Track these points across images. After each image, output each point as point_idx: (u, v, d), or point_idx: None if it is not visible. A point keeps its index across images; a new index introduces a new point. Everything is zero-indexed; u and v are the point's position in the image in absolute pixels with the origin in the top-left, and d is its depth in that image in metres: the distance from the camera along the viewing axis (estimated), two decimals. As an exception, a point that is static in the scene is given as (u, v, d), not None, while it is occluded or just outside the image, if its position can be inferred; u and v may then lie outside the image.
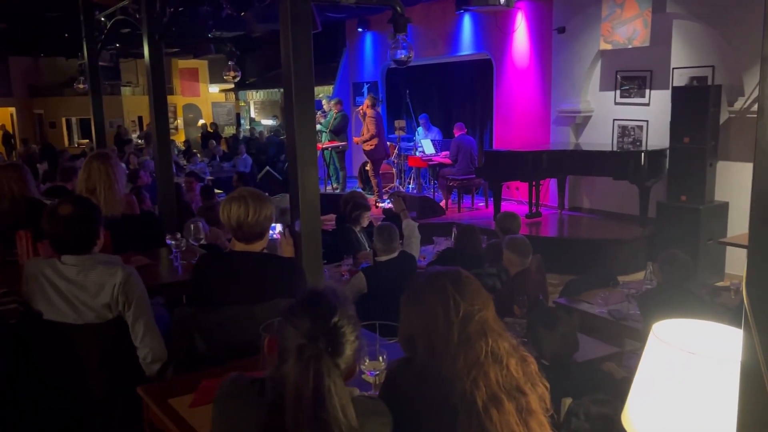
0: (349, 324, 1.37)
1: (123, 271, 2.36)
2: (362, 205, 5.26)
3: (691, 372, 1.32)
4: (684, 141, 6.77)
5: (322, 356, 1.29)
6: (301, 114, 2.65)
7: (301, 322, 1.33)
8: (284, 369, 1.31)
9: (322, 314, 1.35)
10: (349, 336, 1.37)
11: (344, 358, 1.35)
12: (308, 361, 1.29)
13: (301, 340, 1.31)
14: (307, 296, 1.41)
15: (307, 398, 1.27)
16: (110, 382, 2.36)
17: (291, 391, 1.28)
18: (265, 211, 2.38)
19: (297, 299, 1.40)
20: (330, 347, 1.32)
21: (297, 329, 1.33)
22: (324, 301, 1.39)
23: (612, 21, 7.52)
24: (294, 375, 1.29)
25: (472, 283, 1.49)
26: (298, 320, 1.34)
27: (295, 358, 1.30)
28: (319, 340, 1.31)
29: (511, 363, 1.43)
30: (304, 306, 1.37)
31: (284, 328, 1.35)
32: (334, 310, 1.36)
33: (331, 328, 1.34)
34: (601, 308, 4.09)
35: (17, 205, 3.96)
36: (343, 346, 1.35)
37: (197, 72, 21.77)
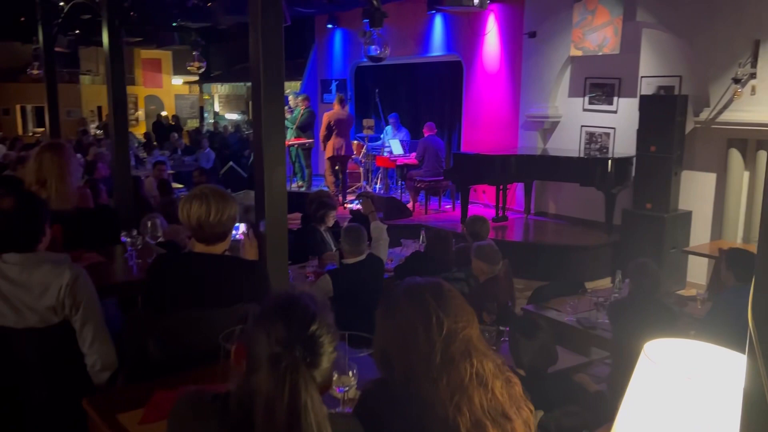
0: (328, 333, 1.23)
1: (71, 272, 2.18)
2: (328, 204, 5.12)
3: (687, 397, 1.23)
4: (650, 149, 6.82)
5: (299, 367, 1.15)
6: (269, 109, 2.50)
7: (276, 329, 1.18)
8: (254, 381, 1.16)
9: (299, 321, 1.20)
10: (328, 347, 1.22)
11: (321, 370, 1.21)
12: (284, 371, 1.13)
13: (276, 349, 1.16)
14: (282, 300, 1.25)
15: (280, 415, 1.11)
16: (54, 390, 2.17)
17: (261, 407, 1.13)
18: (228, 210, 2.22)
19: (270, 303, 1.24)
20: (308, 357, 1.17)
21: (270, 336, 1.17)
22: (301, 306, 1.24)
23: (583, 27, 7.54)
24: (266, 387, 1.13)
25: (455, 297, 1.37)
26: (272, 326, 1.19)
27: (268, 368, 1.15)
28: (296, 349, 1.17)
29: (497, 386, 1.31)
30: (280, 311, 1.22)
31: (255, 334, 1.19)
32: (313, 317, 1.21)
33: (309, 337, 1.19)
34: (569, 316, 4.05)
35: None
36: (320, 358, 1.20)
37: (160, 63, 21.25)
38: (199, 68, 9.85)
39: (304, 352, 1.18)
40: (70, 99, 18.46)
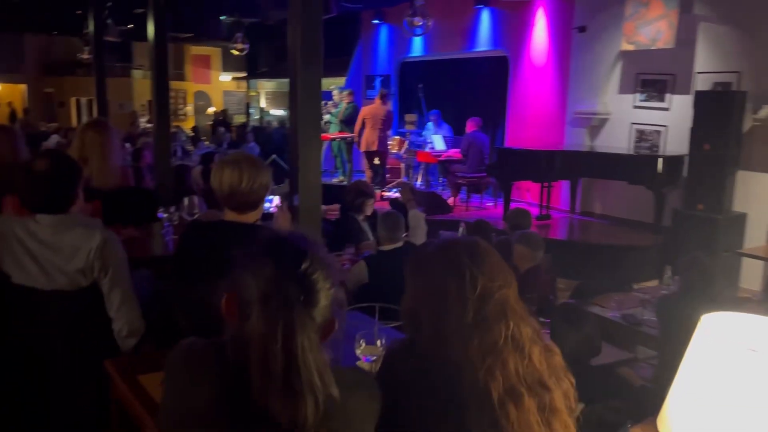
0: (322, 270, 1.13)
1: (101, 235, 2.16)
2: (366, 193, 5.06)
3: (750, 369, 1.11)
4: (704, 148, 6.53)
5: (293, 305, 1.06)
6: (305, 81, 2.45)
7: (264, 270, 1.09)
8: (248, 326, 1.07)
9: (288, 259, 1.11)
10: (323, 283, 1.12)
11: (319, 309, 1.11)
12: (276, 311, 1.05)
13: (266, 289, 1.08)
14: (268, 241, 1.16)
15: (275, 357, 1.03)
16: (79, 354, 2.15)
17: (256, 351, 1.05)
18: (261, 178, 2.16)
19: (256, 244, 1.15)
20: (302, 295, 1.08)
21: (258, 278, 1.09)
22: (289, 244, 1.14)
23: (636, 21, 7.28)
24: (259, 330, 1.05)
25: (492, 255, 1.26)
26: (258, 267, 1.10)
27: (259, 309, 1.06)
28: (288, 287, 1.08)
29: (534, 352, 1.20)
30: (266, 251, 1.12)
31: (242, 279, 1.11)
32: (304, 254, 1.11)
33: (301, 275, 1.10)
34: (614, 312, 3.87)
35: (4, 170, 3.77)
36: (316, 295, 1.10)
37: (209, 59, 21.62)
38: (242, 50, 9.89)
39: (298, 290, 1.09)
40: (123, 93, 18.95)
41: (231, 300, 1.13)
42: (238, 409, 1.08)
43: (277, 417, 1.05)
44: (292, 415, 1.04)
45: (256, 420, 1.06)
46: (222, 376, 1.11)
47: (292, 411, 1.04)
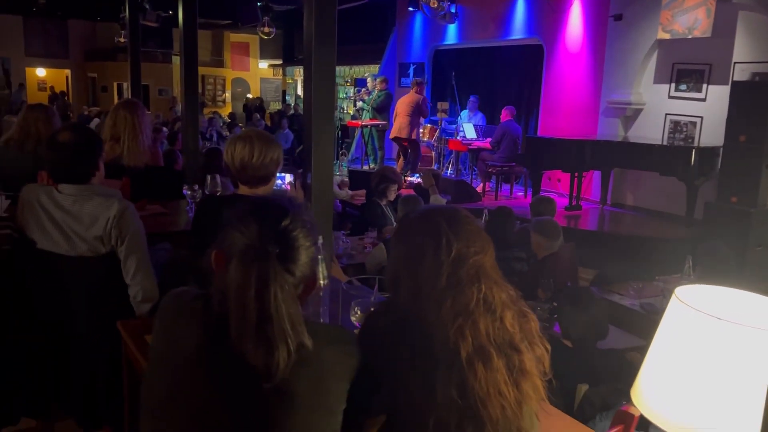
0: (303, 228, 1.23)
1: (119, 204, 2.27)
2: (390, 178, 5.10)
3: (716, 338, 1.13)
4: (740, 139, 6.37)
5: (268, 259, 1.15)
6: (319, 67, 2.50)
7: (248, 227, 1.19)
8: (227, 277, 1.17)
9: (270, 218, 1.21)
10: (303, 241, 1.22)
11: (299, 265, 1.20)
12: (251, 262, 1.15)
13: (246, 243, 1.18)
14: (254, 202, 1.26)
15: (249, 305, 1.12)
16: (97, 318, 2.26)
17: (233, 299, 1.15)
18: (272, 153, 2.23)
19: (243, 205, 1.25)
20: (279, 250, 1.17)
21: (243, 234, 1.19)
22: (273, 205, 1.24)
23: (673, 9, 7.13)
24: (236, 279, 1.15)
25: (470, 224, 1.32)
26: (243, 226, 1.20)
27: (237, 261, 1.16)
28: (268, 243, 1.17)
29: (507, 315, 1.25)
30: (252, 211, 1.23)
31: (230, 235, 1.21)
32: (285, 213, 1.22)
33: (281, 231, 1.19)
34: (632, 300, 3.85)
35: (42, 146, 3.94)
36: (296, 252, 1.20)
37: (248, 46, 21.89)
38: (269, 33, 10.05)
39: (276, 246, 1.17)
40: (163, 78, 19.37)
41: (219, 255, 1.23)
42: (219, 353, 1.17)
43: (252, 361, 1.13)
44: (266, 361, 1.13)
45: (234, 364, 1.15)
46: (206, 322, 1.20)
47: (265, 356, 1.13)
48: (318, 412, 1.18)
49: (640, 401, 1.25)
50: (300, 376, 1.16)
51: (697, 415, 1.14)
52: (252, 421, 1.15)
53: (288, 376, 1.14)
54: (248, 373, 1.14)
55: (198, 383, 1.17)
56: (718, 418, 1.13)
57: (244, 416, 1.15)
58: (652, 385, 1.23)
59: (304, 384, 1.17)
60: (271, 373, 1.13)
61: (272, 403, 1.15)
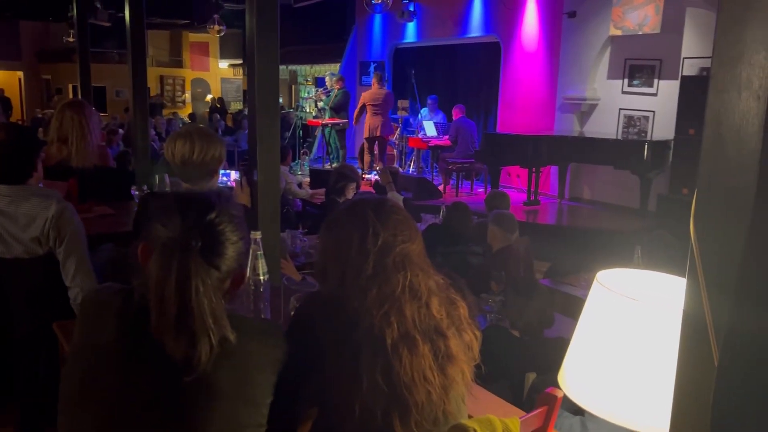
0: (230, 222, 1.21)
1: (57, 205, 2.21)
2: (348, 176, 5.09)
3: (633, 319, 1.16)
4: (689, 132, 6.55)
5: (190, 252, 1.14)
6: (261, 57, 2.48)
7: (171, 220, 1.17)
8: (149, 270, 1.15)
9: (195, 210, 1.19)
10: (230, 235, 1.20)
11: (224, 259, 1.19)
12: (172, 256, 1.13)
13: (169, 236, 1.16)
14: (179, 194, 1.25)
15: (169, 298, 1.11)
16: (36, 320, 2.21)
17: (153, 292, 1.13)
18: (213, 150, 2.21)
19: (169, 197, 1.24)
20: (203, 245, 1.16)
21: (166, 227, 1.17)
22: (198, 198, 1.23)
23: (623, 6, 7.29)
24: (157, 272, 1.13)
25: (397, 213, 1.32)
26: (167, 218, 1.18)
27: (158, 253, 1.15)
28: (191, 237, 1.15)
29: (433, 302, 1.26)
30: (176, 203, 1.21)
31: (153, 228, 1.19)
32: (211, 207, 1.20)
33: (206, 225, 1.18)
34: (583, 290, 3.92)
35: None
36: (221, 246, 1.19)
37: (207, 46, 21.61)
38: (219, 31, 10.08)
39: (199, 239, 1.16)
40: (119, 80, 18.95)
41: (145, 249, 1.21)
42: (139, 346, 1.15)
43: (173, 355, 1.12)
44: (186, 354, 1.12)
45: (154, 357, 1.13)
46: (127, 316, 1.18)
47: (186, 349, 1.12)
48: (241, 405, 1.17)
49: (565, 383, 1.28)
50: (223, 368, 1.15)
51: (617, 394, 1.17)
52: (171, 414, 1.13)
53: (210, 369, 1.13)
54: (168, 366, 1.12)
55: (115, 376, 1.15)
56: (638, 397, 1.16)
57: (163, 409, 1.13)
58: (575, 367, 1.26)
59: (226, 376, 1.16)
60: (192, 366, 1.12)
61: (192, 396, 1.13)
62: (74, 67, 18.03)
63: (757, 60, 0.89)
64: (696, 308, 0.98)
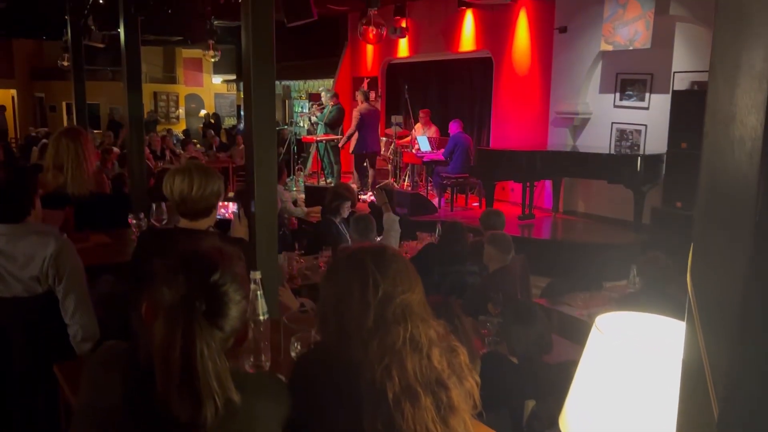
0: (233, 282, 1.22)
1: (56, 242, 2.22)
2: (343, 195, 5.12)
3: (632, 366, 1.18)
4: (681, 146, 6.61)
5: (194, 316, 1.15)
6: (258, 88, 2.51)
7: (175, 281, 1.18)
8: (154, 332, 1.16)
9: (199, 271, 1.20)
10: (234, 295, 1.21)
11: (228, 319, 1.20)
12: (177, 319, 1.14)
13: (174, 299, 1.16)
14: (184, 254, 1.25)
15: (175, 362, 1.12)
16: (35, 359, 2.21)
17: (158, 354, 1.14)
18: (211, 186, 2.22)
19: (173, 257, 1.24)
20: (207, 307, 1.17)
21: (171, 289, 1.18)
22: (202, 257, 1.24)
23: (614, 21, 7.36)
24: (162, 335, 1.14)
25: (397, 262, 1.33)
26: (172, 279, 1.19)
27: (163, 316, 1.16)
28: (195, 299, 1.16)
29: (434, 353, 1.26)
30: (180, 263, 1.22)
31: (158, 289, 1.20)
32: (215, 267, 1.21)
33: (210, 287, 1.19)
34: (580, 311, 3.94)
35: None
36: (225, 307, 1.20)
37: (201, 62, 21.62)
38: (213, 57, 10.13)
39: (204, 302, 1.17)
40: (114, 97, 18.97)
41: (149, 308, 1.21)
42: (144, 409, 1.16)
43: (179, 417, 1.13)
44: (192, 416, 1.13)
45: (159, 419, 1.14)
46: (132, 377, 1.19)
47: (192, 412, 1.12)
48: None
49: (567, 427, 1.29)
50: (228, 429, 1.16)
51: (617, 442, 1.18)
52: None
53: (216, 429, 1.14)
54: (174, 428, 1.13)
55: None
56: (637, 444, 1.17)
57: None
58: (576, 415, 1.27)
59: None
60: (197, 428, 1.12)
61: None
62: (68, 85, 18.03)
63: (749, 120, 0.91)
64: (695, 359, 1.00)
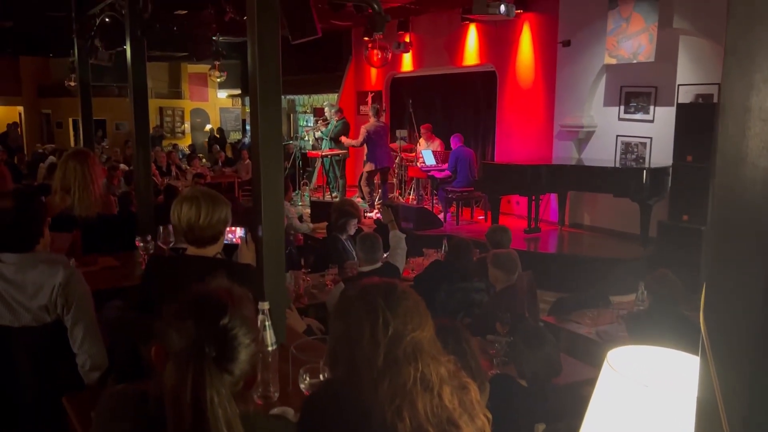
0: (243, 326, 1.21)
1: (64, 272, 2.22)
2: (349, 212, 5.12)
3: (645, 405, 1.17)
4: (687, 159, 6.60)
5: (204, 362, 1.14)
6: (265, 113, 2.52)
7: (185, 326, 1.18)
8: (164, 379, 1.16)
9: (208, 315, 1.19)
10: (243, 339, 1.20)
11: (237, 364, 1.20)
12: (188, 366, 1.13)
13: (184, 345, 1.16)
14: (193, 296, 1.24)
15: (186, 410, 1.11)
16: (44, 388, 2.20)
17: (169, 402, 1.13)
18: (219, 213, 2.23)
19: (183, 300, 1.24)
20: (216, 352, 1.16)
21: (180, 334, 1.17)
22: (212, 300, 1.23)
23: (617, 35, 7.37)
24: (172, 383, 1.14)
25: (407, 299, 1.32)
26: (181, 323, 1.18)
27: (174, 363, 1.15)
28: (205, 344, 1.16)
29: (445, 392, 1.25)
30: (190, 307, 1.21)
31: (167, 333, 1.19)
32: (224, 310, 1.20)
33: (220, 331, 1.18)
34: (589, 329, 3.92)
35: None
36: (234, 351, 1.19)
37: (206, 77, 21.73)
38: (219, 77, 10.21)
39: (214, 347, 1.17)
40: (119, 113, 19.09)
41: (158, 351, 1.21)
42: None
43: None
44: None
45: None
46: (142, 424, 1.19)
47: None
48: None
49: (579, 466, 1.28)
50: None
51: (631, 481, 1.17)
52: None
53: None
54: None
55: None
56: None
57: None
58: (588, 451, 1.26)
59: None
60: None
61: None
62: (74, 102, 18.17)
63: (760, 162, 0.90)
64: (709, 397, 0.99)
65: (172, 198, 6.97)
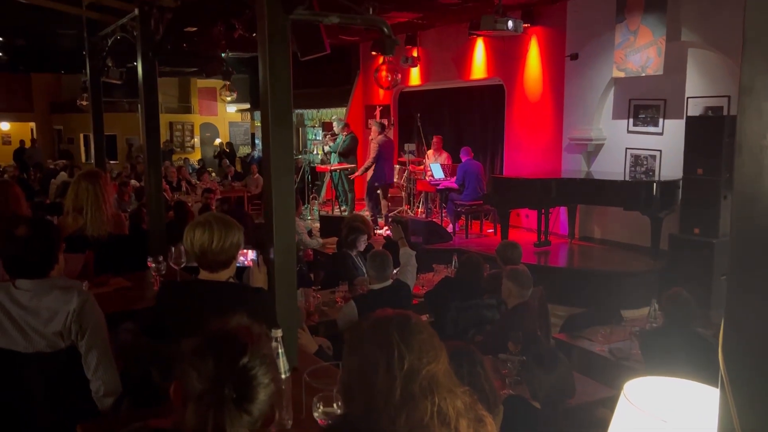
0: (263, 365, 1.21)
1: (79, 298, 2.23)
2: (359, 228, 5.12)
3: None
4: (697, 172, 6.57)
5: (225, 404, 1.14)
6: (276, 136, 2.54)
7: (205, 365, 1.17)
8: (184, 419, 1.16)
9: (228, 354, 1.19)
10: (262, 378, 1.20)
11: (257, 403, 1.19)
12: (208, 408, 1.14)
13: (204, 386, 1.16)
14: (212, 334, 1.24)
15: None
16: (58, 414, 2.21)
17: None
18: (231, 237, 2.24)
19: (202, 337, 1.24)
20: (237, 393, 1.16)
21: (200, 373, 1.17)
22: (231, 338, 1.22)
23: (625, 48, 7.38)
24: (192, 424, 1.14)
25: (422, 332, 1.32)
26: (200, 362, 1.18)
27: (194, 404, 1.15)
28: (225, 385, 1.16)
29: (462, 425, 1.25)
30: (209, 345, 1.21)
31: (187, 372, 1.19)
32: (243, 350, 1.20)
33: (240, 371, 1.18)
34: (601, 346, 3.89)
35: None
36: (254, 391, 1.19)
37: (215, 92, 21.92)
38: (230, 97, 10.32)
39: (234, 388, 1.16)
40: (130, 128, 19.28)
41: (177, 389, 1.21)
42: None
43: None
44: None
45: None
46: None
47: None
48: None
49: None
50: None
51: None
52: None
53: None
54: None
55: None
56: None
57: None
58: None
59: None
60: None
61: None
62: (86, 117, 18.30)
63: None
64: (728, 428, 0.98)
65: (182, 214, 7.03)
